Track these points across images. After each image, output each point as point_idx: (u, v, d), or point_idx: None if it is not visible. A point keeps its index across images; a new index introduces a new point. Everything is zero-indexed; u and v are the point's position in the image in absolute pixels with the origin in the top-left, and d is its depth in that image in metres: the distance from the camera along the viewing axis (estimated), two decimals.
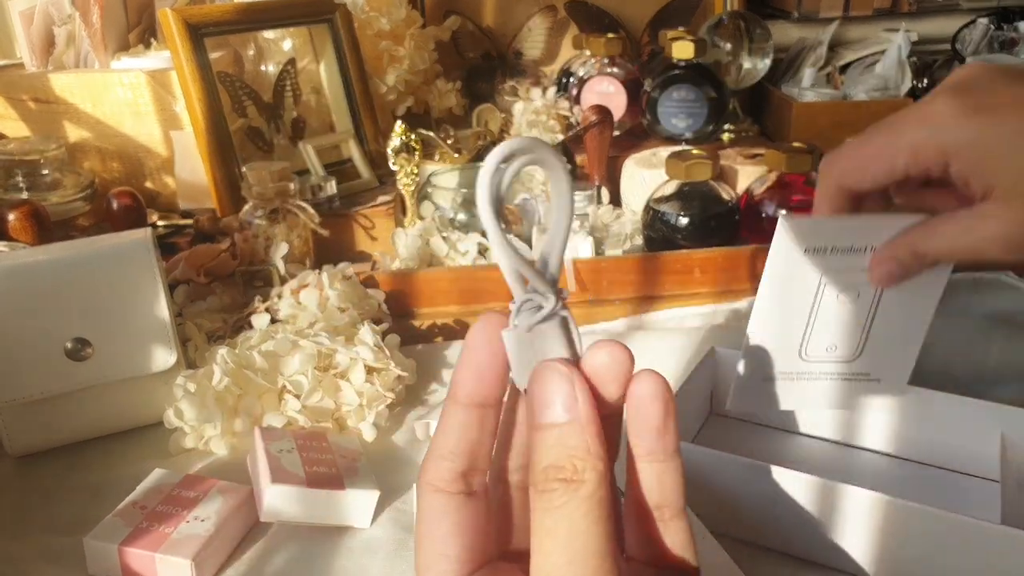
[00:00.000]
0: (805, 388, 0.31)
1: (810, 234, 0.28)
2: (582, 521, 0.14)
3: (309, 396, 0.41)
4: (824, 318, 0.30)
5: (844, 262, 0.29)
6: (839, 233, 0.28)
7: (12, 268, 0.40)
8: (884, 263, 0.28)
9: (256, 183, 0.54)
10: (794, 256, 0.28)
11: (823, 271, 0.29)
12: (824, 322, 0.30)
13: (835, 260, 0.28)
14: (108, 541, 0.33)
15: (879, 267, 0.28)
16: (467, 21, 0.84)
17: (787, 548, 0.33)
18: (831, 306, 0.29)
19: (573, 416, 0.15)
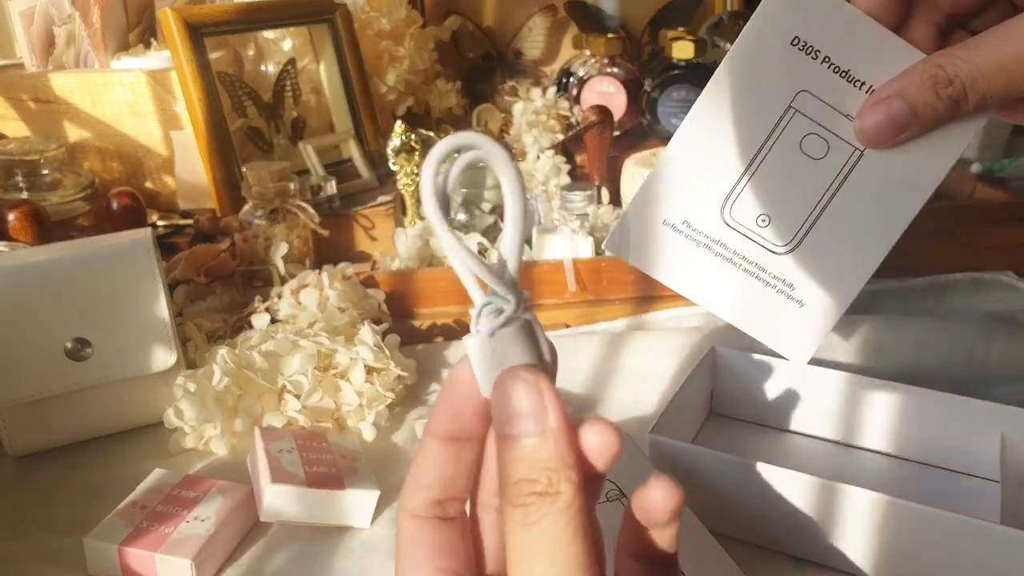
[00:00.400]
0: (703, 266, 0.22)
1: (809, 20, 0.20)
2: (561, 534, 0.14)
3: (309, 396, 0.41)
4: (769, 168, 0.21)
5: (833, 89, 0.20)
6: (850, 34, 0.20)
7: (12, 268, 0.40)
8: (883, 105, 0.19)
9: (256, 183, 0.54)
10: (771, 48, 0.20)
11: (801, 88, 0.20)
12: (767, 175, 0.21)
13: (823, 79, 0.20)
14: (108, 541, 0.33)
15: (874, 111, 0.19)
16: (467, 21, 0.84)
17: (787, 548, 0.33)
18: (786, 155, 0.21)
19: (543, 428, 0.14)
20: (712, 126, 0.21)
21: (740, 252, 0.22)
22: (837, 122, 0.21)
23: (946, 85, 0.19)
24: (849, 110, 0.21)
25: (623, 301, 0.52)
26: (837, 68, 0.20)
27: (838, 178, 0.21)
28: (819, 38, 0.20)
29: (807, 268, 0.22)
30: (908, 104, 0.19)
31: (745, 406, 0.41)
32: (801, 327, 0.22)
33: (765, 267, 0.22)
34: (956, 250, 0.58)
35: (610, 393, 0.45)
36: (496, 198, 0.61)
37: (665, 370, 0.45)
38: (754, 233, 0.22)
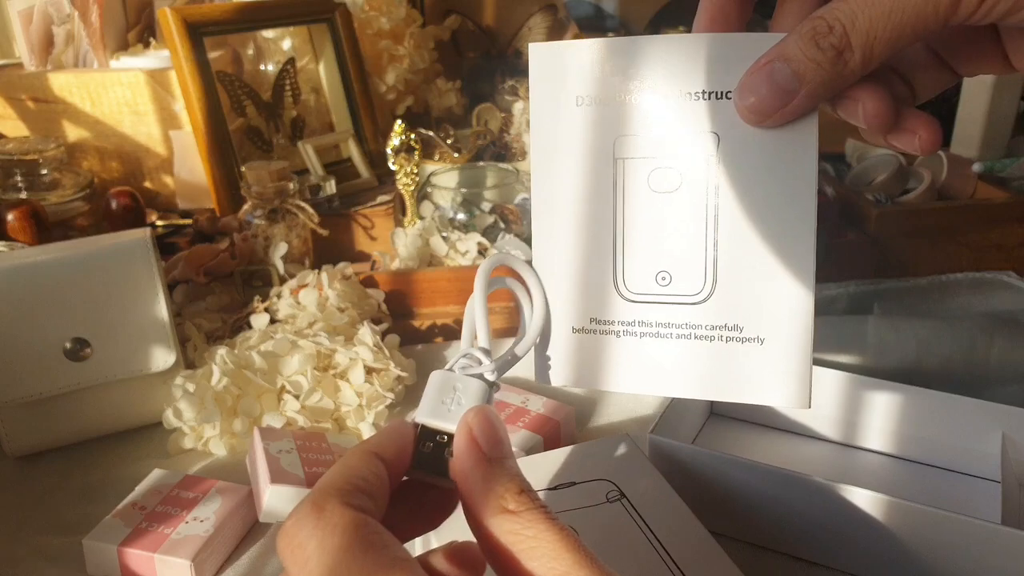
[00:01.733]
0: (638, 354, 0.19)
1: (577, 68, 0.18)
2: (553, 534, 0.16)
3: (308, 396, 0.41)
4: (636, 222, 0.18)
5: (647, 117, 0.18)
6: (623, 64, 0.17)
7: (11, 268, 0.40)
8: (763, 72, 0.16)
9: (255, 183, 0.54)
10: (562, 118, 0.18)
11: (616, 136, 0.18)
12: (637, 229, 0.18)
13: (628, 114, 0.18)
14: (107, 542, 0.33)
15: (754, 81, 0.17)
16: (467, 20, 0.83)
17: (787, 548, 0.33)
18: (641, 204, 0.18)
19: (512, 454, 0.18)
20: (557, 216, 0.19)
21: (662, 320, 0.19)
22: (671, 145, 0.18)
23: (827, 33, 0.16)
24: (674, 126, 0.18)
25: None
26: (637, 98, 0.18)
27: (708, 197, 0.18)
28: (593, 83, 0.18)
29: (741, 302, 0.18)
30: (791, 66, 0.17)
31: (745, 406, 0.41)
32: (779, 366, 0.18)
33: (697, 322, 0.19)
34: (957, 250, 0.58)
35: (610, 393, 0.45)
36: (495, 198, 0.61)
37: None
38: (663, 295, 0.19)
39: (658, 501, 0.29)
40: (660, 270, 0.19)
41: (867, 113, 0.18)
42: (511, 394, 0.42)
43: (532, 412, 0.40)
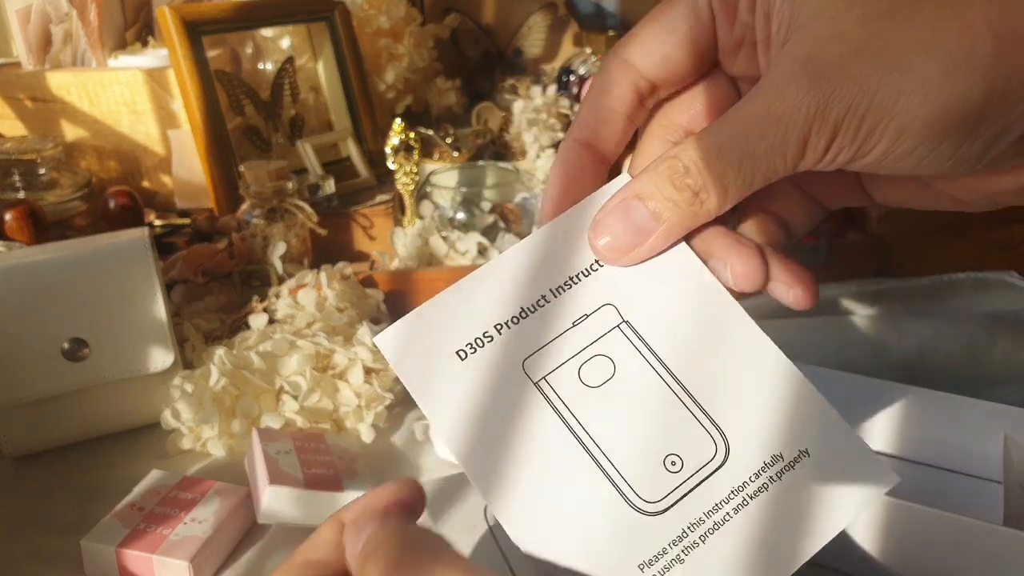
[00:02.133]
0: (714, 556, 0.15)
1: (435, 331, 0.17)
2: None
3: (307, 397, 0.41)
4: (605, 430, 0.16)
5: (537, 334, 0.17)
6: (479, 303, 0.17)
7: (9, 268, 0.40)
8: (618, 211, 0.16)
9: (254, 182, 0.53)
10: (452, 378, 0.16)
11: (519, 360, 0.17)
12: (612, 436, 0.16)
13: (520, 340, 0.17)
14: (105, 543, 0.33)
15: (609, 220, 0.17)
16: (467, 19, 0.83)
17: None
18: (595, 406, 0.16)
19: None
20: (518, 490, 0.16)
21: (708, 508, 0.16)
22: (578, 337, 0.17)
23: (683, 174, 0.16)
24: (568, 320, 0.17)
25: None
26: (521, 314, 0.17)
27: (648, 360, 0.17)
28: (473, 320, 0.17)
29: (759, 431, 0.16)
30: (647, 204, 0.17)
31: None
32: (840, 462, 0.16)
33: (740, 482, 0.16)
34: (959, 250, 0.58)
35: None
36: (495, 197, 0.60)
37: None
38: (688, 480, 0.16)
39: None
40: (665, 457, 0.16)
41: (735, 275, 0.17)
42: None
43: None
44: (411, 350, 0.17)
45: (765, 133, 0.16)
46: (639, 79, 0.18)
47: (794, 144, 0.16)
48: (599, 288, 0.17)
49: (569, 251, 0.18)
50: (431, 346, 0.17)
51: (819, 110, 0.15)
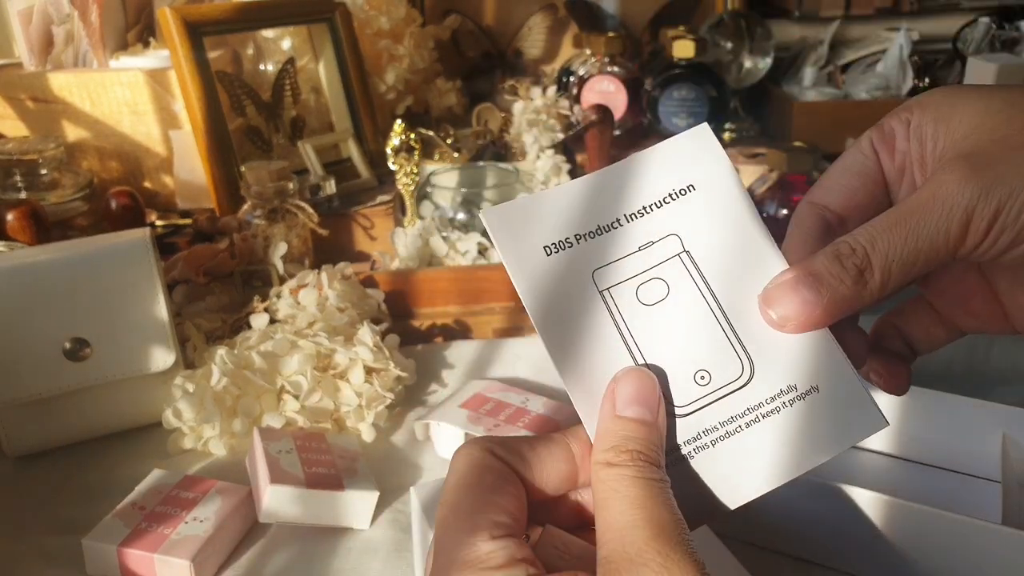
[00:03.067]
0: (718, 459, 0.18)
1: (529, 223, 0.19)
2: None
3: (308, 396, 0.41)
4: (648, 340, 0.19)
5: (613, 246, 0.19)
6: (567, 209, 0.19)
7: (10, 268, 0.40)
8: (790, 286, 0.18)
9: (255, 182, 0.54)
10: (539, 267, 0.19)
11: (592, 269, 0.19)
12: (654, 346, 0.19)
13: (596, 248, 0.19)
14: (107, 542, 0.33)
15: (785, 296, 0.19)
16: (467, 20, 0.83)
17: (787, 548, 0.33)
18: (643, 319, 0.19)
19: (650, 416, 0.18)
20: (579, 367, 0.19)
21: (724, 418, 0.19)
22: (642, 260, 0.20)
23: (850, 254, 0.19)
24: (637, 242, 0.20)
25: None
26: (597, 231, 0.20)
27: (698, 288, 0.20)
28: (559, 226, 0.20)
29: (780, 363, 0.19)
30: (816, 282, 0.19)
31: None
32: (842, 403, 0.19)
33: (756, 402, 0.19)
34: None
35: None
36: (495, 198, 0.61)
37: None
38: (712, 393, 0.19)
39: None
40: (696, 371, 0.19)
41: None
42: (511, 394, 0.42)
43: (532, 412, 0.40)
44: (510, 230, 0.20)
45: (929, 215, 0.18)
46: (826, 212, 0.21)
47: (957, 224, 0.18)
48: (667, 220, 0.20)
49: (645, 184, 0.20)
50: (525, 235, 0.20)
51: (982, 194, 0.18)
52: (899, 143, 0.21)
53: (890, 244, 0.18)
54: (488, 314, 0.52)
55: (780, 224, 0.57)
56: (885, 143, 0.21)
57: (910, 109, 0.20)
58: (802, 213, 0.21)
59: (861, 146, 0.21)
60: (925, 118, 0.20)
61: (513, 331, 0.52)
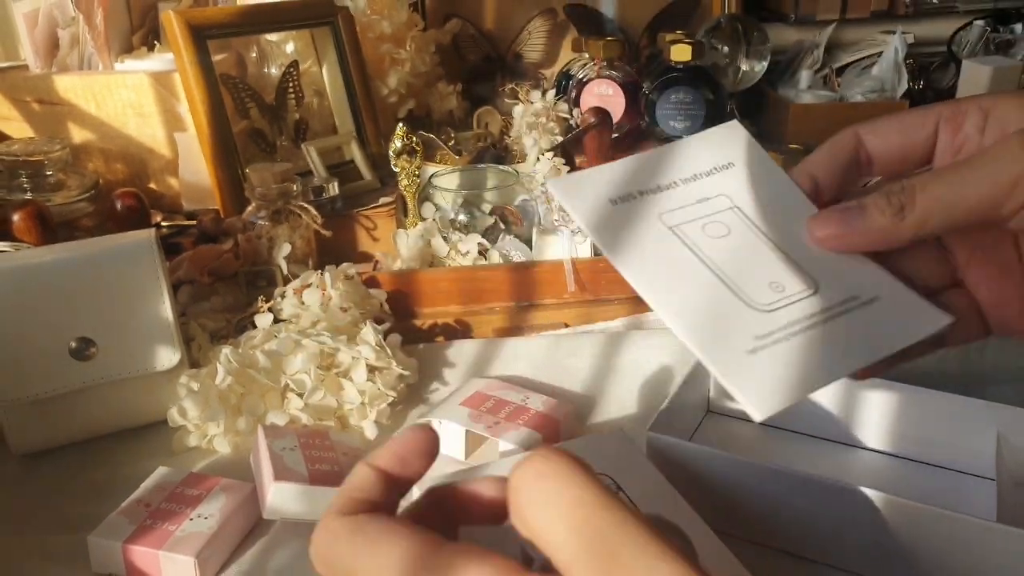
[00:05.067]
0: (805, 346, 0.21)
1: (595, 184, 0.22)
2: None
3: (312, 395, 0.41)
4: (723, 259, 0.22)
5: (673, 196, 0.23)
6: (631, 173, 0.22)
7: (16, 269, 0.41)
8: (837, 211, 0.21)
9: (259, 184, 0.54)
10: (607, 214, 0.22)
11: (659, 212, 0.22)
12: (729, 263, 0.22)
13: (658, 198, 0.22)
14: (112, 539, 0.33)
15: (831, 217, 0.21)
16: (468, 24, 0.84)
17: (784, 545, 0.33)
18: (715, 247, 0.22)
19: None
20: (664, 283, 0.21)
21: (803, 315, 0.21)
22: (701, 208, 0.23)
23: (897, 192, 0.20)
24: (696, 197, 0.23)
25: (622, 301, 0.53)
26: (657, 188, 0.23)
27: (753, 230, 0.23)
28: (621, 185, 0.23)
29: (841, 279, 0.22)
30: (862, 211, 0.21)
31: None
32: (906, 305, 0.22)
33: (825, 306, 0.22)
34: None
35: (609, 391, 0.45)
36: (496, 199, 0.61)
37: (663, 368, 0.46)
38: (788, 297, 0.22)
39: (655, 495, 0.29)
40: (770, 282, 0.22)
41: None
42: (511, 392, 0.43)
43: (532, 410, 0.41)
44: (575, 192, 0.22)
45: (981, 167, 0.19)
46: (862, 148, 0.23)
47: (1006, 181, 0.19)
48: (716, 184, 0.24)
49: (691, 160, 0.24)
50: (590, 193, 0.23)
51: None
52: (967, 126, 0.22)
53: (938, 187, 0.20)
54: (489, 314, 0.53)
55: None
56: (954, 120, 0.22)
57: (993, 98, 0.22)
58: (843, 137, 0.23)
59: (926, 115, 0.22)
60: (1009, 106, 0.21)
61: (513, 330, 0.52)
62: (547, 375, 0.46)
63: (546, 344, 0.49)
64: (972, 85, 0.69)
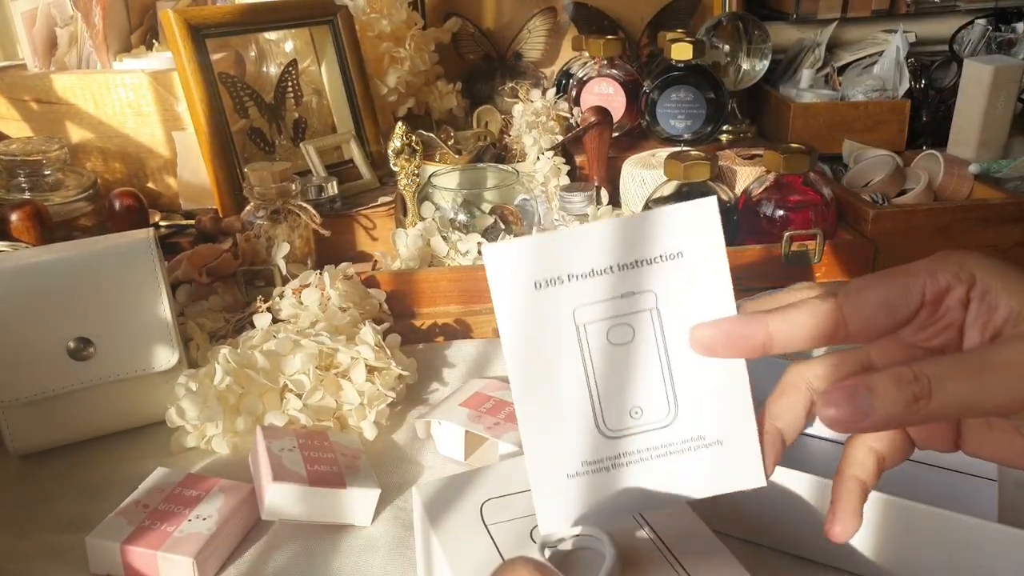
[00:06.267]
0: (630, 481, 0.23)
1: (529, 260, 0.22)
2: None
3: (310, 395, 0.41)
4: (605, 372, 0.23)
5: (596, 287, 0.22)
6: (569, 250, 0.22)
7: (15, 268, 0.41)
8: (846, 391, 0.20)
9: (258, 183, 0.54)
10: (525, 300, 0.22)
11: (574, 307, 0.22)
12: (608, 378, 0.23)
13: (582, 288, 0.22)
14: (110, 540, 0.33)
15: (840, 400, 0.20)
16: (467, 23, 0.84)
17: (785, 546, 0.33)
18: (606, 357, 0.23)
19: None
20: (537, 386, 0.23)
21: (642, 447, 0.23)
22: (619, 306, 0.23)
23: (911, 381, 0.20)
24: (620, 290, 0.23)
25: None
26: (586, 274, 0.23)
27: (657, 340, 0.23)
28: (550, 268, 0.23)
29: (700, 416, 0.23)
30: (872, 395, 0.20)
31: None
32: (740, 455, 0.23)
33: (670, 441, 0.23)
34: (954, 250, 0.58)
35: None
36: (496, 199, 0.61)
37: None
38: (639, 426, 0.23)
39: None
40: (632, 407, 0.23)
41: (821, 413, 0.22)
42: (511, 393, 0.43)
43: None
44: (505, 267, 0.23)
45: (1000, 380, 0.19)
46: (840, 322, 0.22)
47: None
48: (651, 276, 0.23)
49: (643, 241, 0.23)
50: (519, 271, 0.23)
51: None
52: (950, 299, 0.21)
53: (959, 386, 0.20)
54: (488, 314, 0.52)
55: (776, 224, 0.58)
56: (935, 296, 0.22)
57: (969, 270, 0.21)
58: (822, 309, 0.22)
59: (909, 289, 0.22)
60: (994, 285, 0.21)
61: None
62: None
63: None
64: (973, 84, 0.69)
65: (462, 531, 0.27)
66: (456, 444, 0.40)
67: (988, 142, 0.69)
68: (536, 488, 0.23)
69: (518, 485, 0.29)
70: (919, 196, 0.64)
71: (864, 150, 0.71)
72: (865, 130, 0.74)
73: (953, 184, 0.66)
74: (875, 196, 0.64)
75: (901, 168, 0.67)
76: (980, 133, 0.69)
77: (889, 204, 0.63)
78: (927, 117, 0.78)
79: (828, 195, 0.59)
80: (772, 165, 0.57)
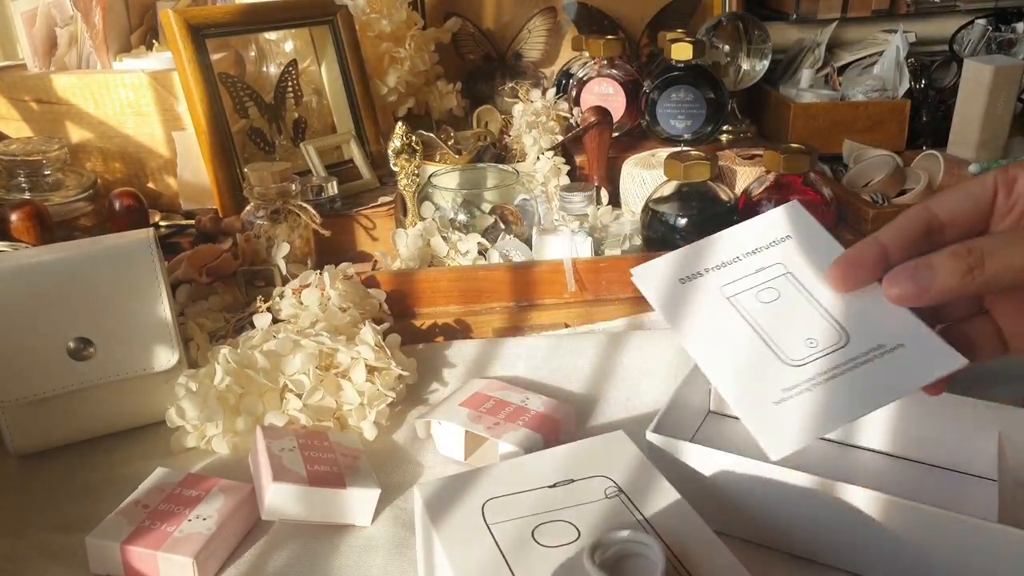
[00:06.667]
0: (831, 392, 0.25)
1: (668, 267, 0.28)
2: None
3: (310, 395, 0.41)
4: (768, 322, 0.27)
5: (731, 271, 0.28)
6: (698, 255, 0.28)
7: (14, 268, 0.41)
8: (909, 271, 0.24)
9: (258, 183, 0.54)
10: (675, 293, 0.28)
11: (720, 285, 0.28)
12: (773, 326, 0.27)
13: (719, 276, 0.28)
14: (110, 540, 0.33)
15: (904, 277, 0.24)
16: (467, 23, 0.84)
17: (785, 546, 0.33)
18: (763, 311, 0.27)
19: None
20: (715, 348, 0.27)
21: (830, 367, 0.26)
22: (757, 278, 0.28)
23: (964, 255, 0.23)
24: (752, 269, 0.28)
25: (622, 301, 0.52)
26: (717, 266, 0.29)
27: (800, 292, 0.28)
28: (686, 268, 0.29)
29: (870, 331, 0.26)
30: (932, 271, 0.23)
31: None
32: (928, 349, 0.26)
33: (853, 356, 0.26)
34: None
35: (610, 392, 0.45)
36: (496, 199, 0.61)
37: (664, 368, 0.46)
38: (819, 351, 0.26)
39: (657, 495, 0.29)
40: (806, 338, 0.26)
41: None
42: (511, 393, 0.43)
43: (532, 411, 0.41)
44: (651, 276, 0.29)
45: None
46: (933, 217, 0.25)
47: None
48: (773, 255, 0.29)
49: (753, 236, 0.30)
50: (664, 274, 0.29)
51: None
52: (1019, 186, 0.25)
53: (1009, 253, 0.23)
54: (488, 314, 0.52)
55: None
56: (1006, 184, 0.25)
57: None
58: (913, 210, 0.25)
59: (985, 179, 0.25)
60: None
61: (513, 330, 0.52)
62: (547, 375, 0.46)
63: (546, 344, 0.49)
64: (973, 84, 0.69)
65: (464, 531, 0.27)
66: (456, 444, 0.40)
67: (988, 142, 0.69)
68: (753, 425, 0.25)
69: (520, 485, 0.29)
70: (919, 196, 0.64)
71: (864, 150, 0.71)
72: (865, 130, 0.74)
73: (953, 184, 0.66)
74: (875, 196, 0.64)
75: (901, 168, 0.67)
76: (980, 133, 0.69)
77: (889, 204, 0.64)
78: (927, 117, 0.78)
79: (828, 195, 0.59)
80: (772, 165, 0.57)
